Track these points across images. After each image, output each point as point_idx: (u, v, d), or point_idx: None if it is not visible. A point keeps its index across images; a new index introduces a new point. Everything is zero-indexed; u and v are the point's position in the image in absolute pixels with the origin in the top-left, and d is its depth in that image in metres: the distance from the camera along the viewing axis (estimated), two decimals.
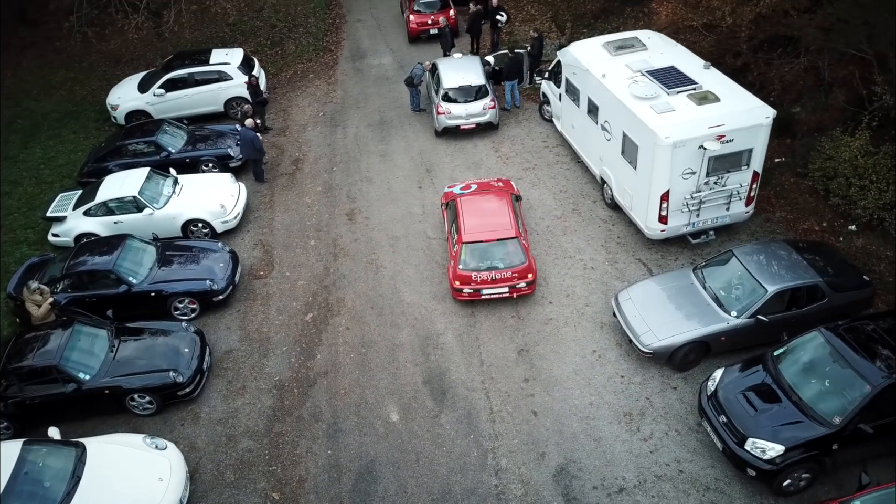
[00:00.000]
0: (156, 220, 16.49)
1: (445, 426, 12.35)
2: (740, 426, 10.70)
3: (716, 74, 15.53)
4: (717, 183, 14.52)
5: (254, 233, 17.23)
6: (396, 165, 19.15)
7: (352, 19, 27.60)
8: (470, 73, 19.87)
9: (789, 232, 15.71)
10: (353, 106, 22.03)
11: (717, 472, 11.19)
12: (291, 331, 14.50)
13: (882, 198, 14.83)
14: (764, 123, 14.13)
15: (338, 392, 13.14)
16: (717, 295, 12.84)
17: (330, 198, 18.19)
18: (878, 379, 10.28)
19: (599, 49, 17.07)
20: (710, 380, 11.65)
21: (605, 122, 15.94)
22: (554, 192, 17.56)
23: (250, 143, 18.00)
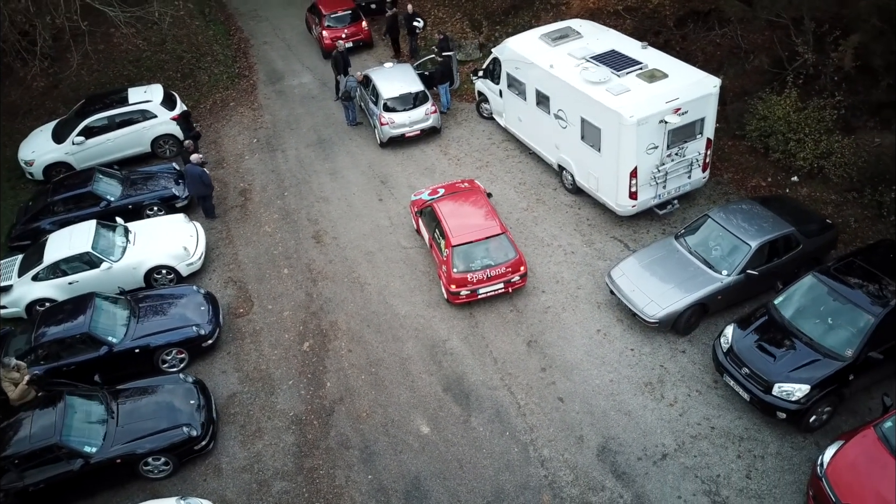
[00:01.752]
0: (115, 274, 15.49)
1: (478, 428, 12.37)
2: (763, 375, 11.36)
3: (655, 53, 16.35)
4: (678, 154, 15.31)
5: (220, 271, 16.52)
6: (349, 181, 18.89)
7: (257, 43, 26.88)
8: (406, 80, 19.89)
9: (739, 191, 16.76)
10: (285, 129, 21.51)
11: (745, 421, 11.83)
12: (292, 363, 14.04)
13: (818, 148, 16.10)
14: (713, 92, 15.04)
15: (359, 415, 12.86)
16: (705, 257, 13.55)
17: (290, 223, 17.71)
18: (878, 308, 11.24)
19: (538, 42, 17.55)
20: (721, 337, 12.29)
21: (560, 111, 16.42)
22: (514, 186, 17.89)
23: (198, 179, 17.23)
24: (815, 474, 10.21)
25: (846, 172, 15.76)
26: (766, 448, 11.42)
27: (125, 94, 20.55)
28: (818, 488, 10.12)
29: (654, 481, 11.18)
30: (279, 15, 28.76)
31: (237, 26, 28.38)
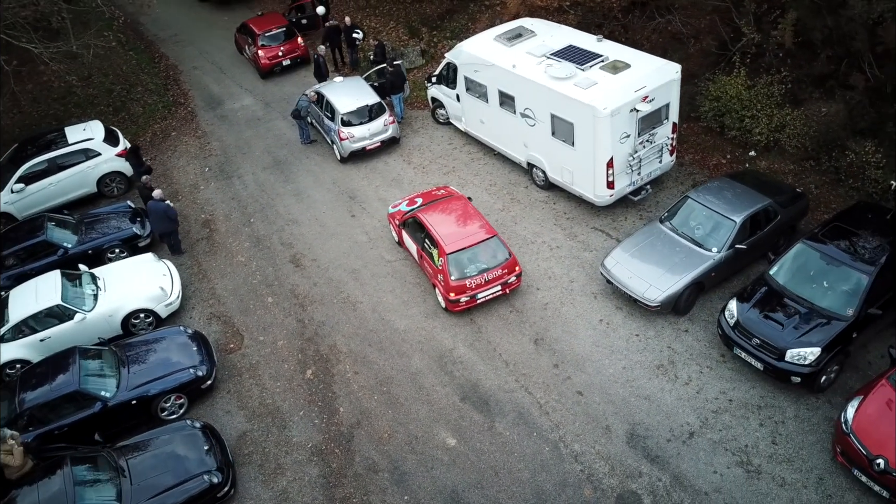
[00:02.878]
0: (90, 325, 14.58)
1: (505, 433, 12.33)
2: (775, 343, 11.82)
3: (611, 45, 16.75)
4: (649, 141, 15.73)
5: (201, 308, 15.82)
6: (316, 201, 18.47)
7: (186, 68, 25.92)
8: (361, 93, 19.64)
9: (702, 170, 17.39)
10: (237, 154, 20.83)
11: (759, 390, 12.27)
12: (298, 393, 13.60)
13: (771, 122, 16.88)
14: (675, 78, 15.55)
15: (381, 437, 12.58)
16: (693, 237, 13.98)
17: (263, 250, 17.16)
18: (870, 266, 11.89)
19: (494, 43, 17.66)
20: (725, 313, 12.70)
21: (527, 110, 16.58)
22: (485, 188, 17.94)
23: (163, 214, 16.44)
24: (841, 431, 10.70)
25: (800, 143, 16.58)
26: (784, 413, 11.88)
27: (62, 133, 19.39)
28: (846, 444, 10.60)
29: (688, 460, 11.44)
30: (203, 38, 27.87)
31: (160, 53, 27.32)
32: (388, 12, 26.52)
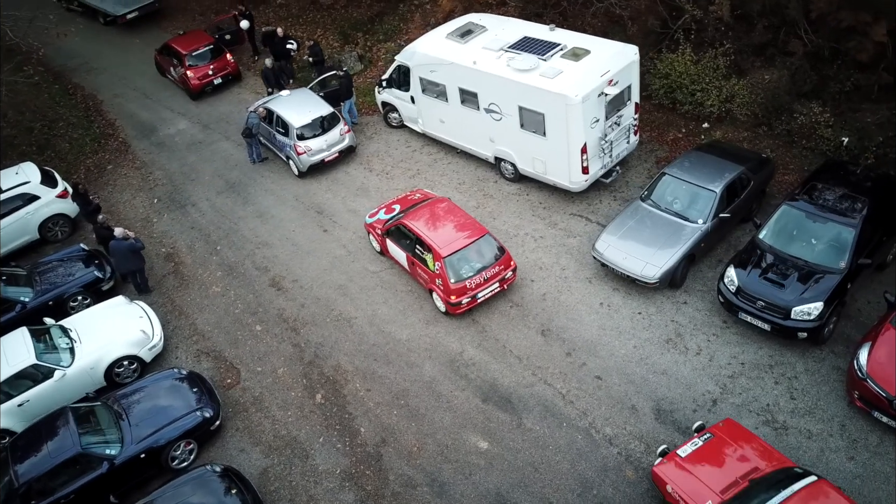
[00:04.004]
0: (71, 381, 13.56)
1: (535, 428, 12.33)
2: (780, 303, 12.33)
3: (565, 32, 16.99)
4: (617, 123, 16.07)
5: (185, 347, 15.01)
6: (282, 220, 17.86)
7: (107, 97, 24.43)
8: (312, 104, 19.12)
9: (662, 146, 17.93)
10: (184, 181, 19.86)
11: (767, 349, 12.79)
12: (312, 419, 13.13)
13: (721, 93, 17.57)
14: (635, 59, 15.94)
15: (411, 451, 12.33)
16: (677, 211, 14.40)
17: (238, 278, 16.45)
18: (854, 219, 12.59)
19: (447, 41, 17.57)
20: (724, 280, 13.13)
21: (492, 105, 16.58)
22: (455, 187, 17.85)
23: (127, 253, 15.47)
24: (857, 378, 11.28)
25: (750, 110, 17.33)
26: (794, 369, 12.43)
27: None
28: (864, 389, 11.20)
29: None
30: (117, 64, 26.34)
31: (74, 84, 25.65)
32: (312, 20, 25.93)
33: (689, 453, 10.66)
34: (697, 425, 11.35)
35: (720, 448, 10.63)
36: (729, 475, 10.22)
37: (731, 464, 10.38)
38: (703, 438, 10.86)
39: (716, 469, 10.37)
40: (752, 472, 10.23)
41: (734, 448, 10.58)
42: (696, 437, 10.96)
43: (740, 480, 10.12)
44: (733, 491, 9.97)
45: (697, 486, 10.20)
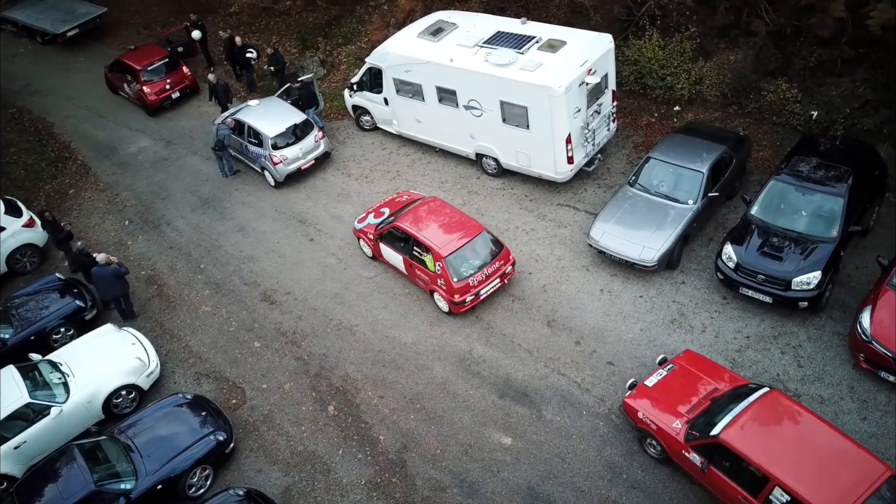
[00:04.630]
0: (68, 417, 12.98)
1: (555, 419, 12.39)
2: (780, 275, 12.70)
3: (537, 25, 17.08)
4: (597, 111, 16.27)
5: (183, 370, 14.53)
6: (265, 232, 17.47)
7: (57, 119, 23.39)
8: (283, 113, 18.75)
9: (637, 131, 18.24)
10: (155, 200, 19.21)
11: (768, 321, 13.15)
12: (328, 432, 12.89)
13: (690, 76, 17.98)
14: (610, 48, 16.16)
15: (434, 455, 12.23)
16: (667, 194, 14.66)
17: (228, 295, 16.01)
18: (842, 188, 13.05)
19: (419, 40, 17.45)
20: (723, 256, 13.43)
21: (472, 101, 16.54)
22: (438, 186, 17.78)
23: (111, 279, 14.87)
24: (862, 340, 11.71)
25: (719, 91, 17.79)
26: (797, 337, 12.82)
27: None
28: (869, 351, 11.63)
29: None
30: (63, 84, 25.26)
31: (18, 107, 24.47)
32: (266, 27, 25.39)
33: (655, 383, 11.63)
34: (660, 358, 12.18)
35: (682, 376, 11.64)
36: (692, 397, 11.24)
37: (693, 388, 11.40)
38: (666, 369, 11.83)
39: (680, 393, 11.35)
40: (713, 392, 11.23)
41: (695, 374, 11.60)
42: (661, 368, 11.90)
43: (703, 401, 11.13)
44: (697, 410, 10.98)
45: (665, 409, 11.16)
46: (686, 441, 10.65)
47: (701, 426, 10.59)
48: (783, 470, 9.57)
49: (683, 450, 10.69)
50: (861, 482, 9.29)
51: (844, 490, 9.24)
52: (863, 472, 9.40)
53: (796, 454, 9.74)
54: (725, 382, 11.34)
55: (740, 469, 9.99)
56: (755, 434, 10.04)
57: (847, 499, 9.15)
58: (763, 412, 10.28)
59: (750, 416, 10.21)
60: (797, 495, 9.34)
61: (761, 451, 9.83)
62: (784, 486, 9.46)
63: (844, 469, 9.48)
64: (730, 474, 10.12)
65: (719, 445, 10.10)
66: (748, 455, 9.83)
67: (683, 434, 10.74)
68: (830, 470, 9.50)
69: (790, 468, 9.57)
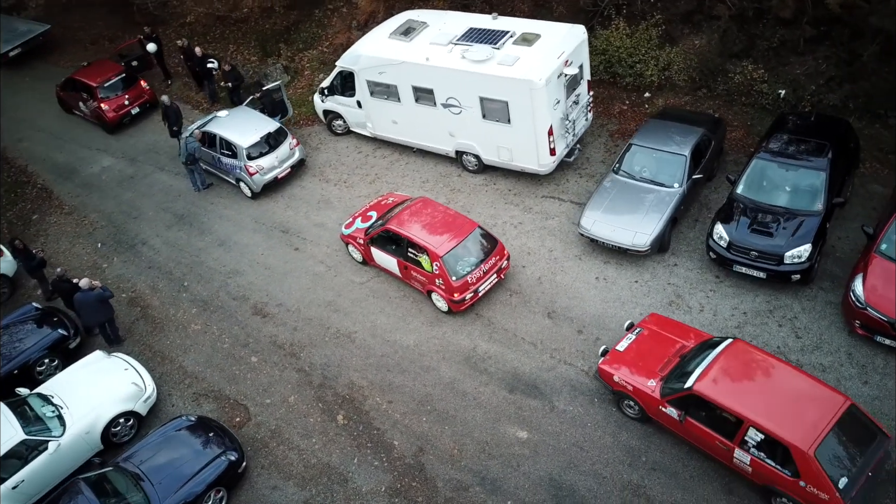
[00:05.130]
0: (67, 451, 12.49)
1: (568, 409, 12.47)
2: (772, 251, 13.04)
3: (507, 20, 17.13)
4: (575, 102, 16.43)
5: (180, 392, 14.12)
6: (247, 245, 17.10)
7: (10, 143, 22.27)
8: (255, 122, 18.40)
9: (610, 119, 18.48)
10: (126, 220, 18.61)
11: (762, 296, 13.49)
12: (340, 442, 12.71)
13: (658, 63, 18.32)
14: (584, 38, 16.33)
15: (452, 455, 12.18)
16: (653, 179, 14.90)
17: (217, 311, 15.63)
18: (823, 161, 13.48)
19: (391, 41, 17.31)
20: (714, 236, 13.71)
21: (450, 99, 16.50)
22: (419, 186, 17.69)
23: (96, 304, 14.33)
24: (856, 308, 12.12)
25: (687, 75, 18.17)
26: (792, 310, 13.20)
27: None
28: (864, 317, 12.04)
29: None
30: (10, 107, 24.18)
31: None
32: (221, 36, 24.87)
33: (626, 347, 12.22)
34: (627, 324, 12.76)
35: (650, 338, 12.26)
36: (662, 356, 11.85)
37: (662, 347, 12.02)
38: (635, 333, 12.43)
39: (651, 354, 11.95)
40: (681, 349, 11.87)
41: (662, 335, 12.23)
42: (629, 333, 12.48)
43: (672, 358, 11.75)
44: (668, 367, 11.59)
45: (638, 370, 11.75)
46: (662, 397, 11.25)
47: (674, 381, 11.20)
48: (754, 411, 10.23)
49: (660, 405, 11.28)
50: (825, 414, 10.00)
51: (811, 423, 9.94)
52: (825, 405, 10.12)
53: (764, 396, 10.44)
54: (692, 339, 12.03)
55: (715, 416, 10.62)
56: (725, 382, 10.69)
57: (814, 430, 9.86)
58: (730, 361, 10.92)
59: (718, 366, 10.85)
60: (769, 433, 10.01)
61: (732, 397, 10.50)
62: (757, 425, 10.12)
63: (809, 404, 10.18)
64: (706, 422, 10.75)
65: (693, 396, 10.72)
66: (721, 402, 10.47)
67: (659, 390, 11.34)
68: (797, 406, 10.19)
69: (760, 409, 10.25)
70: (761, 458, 10.23)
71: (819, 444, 9.75)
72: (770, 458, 10.16)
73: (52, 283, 15.31)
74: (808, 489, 9.82)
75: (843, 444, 9.99)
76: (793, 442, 9.81)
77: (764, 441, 10.12)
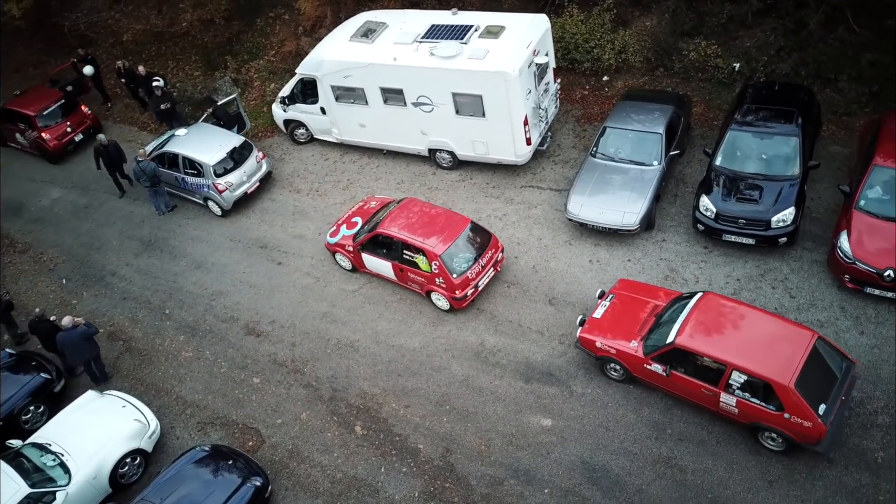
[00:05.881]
0: (76, 498, 11.88)
1: (587, 392, 12.63)
2: (759, 217, 13.54)
3: (469, 14, 17.18)
4: (546, 90, 16.61)
5: (182, 424, 13.57)
6: (226, 265, 16.56)
7: None
8: (218, 137, 17.83)
9: (574, 105, 18.75)
10: (90, 252, 17.71)
11: (752, 262, 13.98)
12: (363, 453, 12.49)
13: (614, 46, 18.71)
14: (548, 27, 16.52)
15: (480, 451, 12.15)
16: (632, 159, 15.22)
17: (207, 336, 15.08)
18: (794, 128, 14.08)
19: (354, 44, 17.04)
20: (700, 208, 14.12)
21: (420, 98, 16.40)
22: (395, 187, 17.53)
23: (81, 342, 13.61)
24: (844, 263, 12.72)
25: (643, 56, 18.63)
26: (781, 272, 13.74)
27: None
28: (853, 271, 12.66)
29: None
30: None
31: None
32: (158, 53, 23.96)
33: (602, 314, 12.70)
34: (599, 292, 13.23)
35: (624, 302, 12.82)
36: (639, 318, 12.42)
37: (636, 310, 12.59)
38: (608, 300, 12.90)
39: (627, 317, 12.50)
40: (654, 309, 12.47)
41: (634, 298, 12.82)
42: (602, 301, 12.93)
43: (648, 318, 12.35)
44: (646, 327, 12.16)
45: (619, 334, 12.26)
46: (646, 355, 11.76)
47: (655, 339, 11.77)
48: (735, 356, 10.88)
49: (645, 363, 11.81)
50: (797, 349, 10.75)
51: (786, 358, 10.65)
52: (796, 341, 10.89)
53: (741, 340, 11.11)
54: (662, 298, 12.64)
55: (698, 366, 11.26)
56: (703, 332, 11.31)
57: (791, 365, 10.57)
58: (704, 313, 11.54)
59: (694, 318, 11.48)
60: (752, 373, 10.68)
61: (713, 345, 11.14)
62: (739, 368, 10.76)
63: (781, 342, 10.91)
64: (690, 373, 11.36)
65: (676, 350, 11.31)
66: (703, 351, 11.11)
67: (642, 350, 11.87)
68: (771, 346, 10.89)
69: (740, 353, 10.90)
70: (746, 398, 10.90)
71: (797, 377, 10.44)
72: (754, 396, 10.83)
73: (30, 325, 14.43)
74: (793, 419, 10.54)
75: (817, 374, 10.72)
76: (774, 378, 10.47)
77: (747, 382, 10.78)
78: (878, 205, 12.93)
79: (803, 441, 10.75)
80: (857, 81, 16.43)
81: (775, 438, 11.10)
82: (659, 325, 12.05)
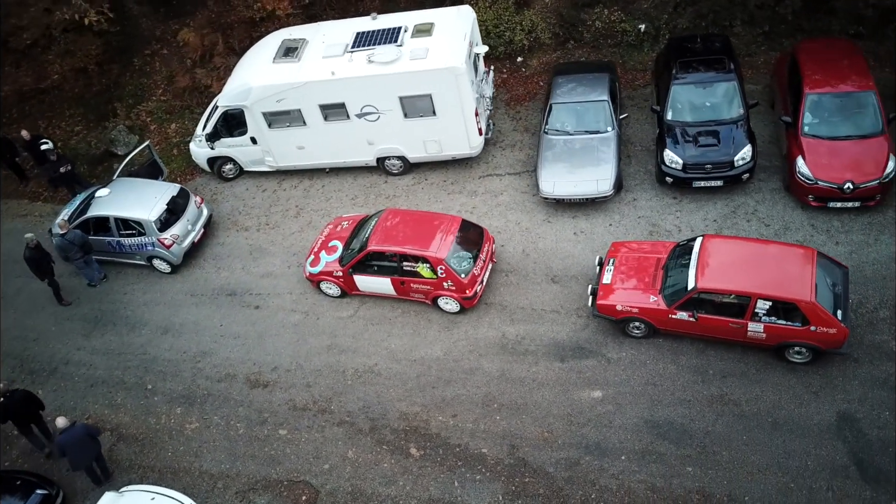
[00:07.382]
0: None
1: (622, 356, 13.02)
2: (722, 159, 14.57)
3: (389, 17, 16.90)
4: (484, 81, 16.76)
5: (218, 498, 12.45)
6: (199, 322, 15.30)
7: None
8: (151, 190, 16.38)
9: (499, 90, 18.98)
10: (29, 345, 15.63)
11: (721, 202, 14.98)
12: (429, 473, 12.14)
13: (524, 27, 19.20)
14: (474, 16, 16.68)
15: (545, 439, 12.20)
16: (587, 129, 15.76)
17: (208, 401, 13.89)
18: (731, 74, 15.23)
19: (279, 66, 16.23)
20: (666, 162, 14.93)
21: (364, 108, 15.98)
22: (350, 203, 16.99)
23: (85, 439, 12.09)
24: (806, 184, 14.03)
25: (551, 32, 19.32)
26: (749, 205, 14.86)
27: None
28: (817, 190, 13.99)
29: None
30: None
31: None
32: (22, 114, 21.47)
33: (611, 279, 13.15)
34: (598, 259, 13.75)
35: (628, 262, 13.32)
36: (648, 273, 13.00)
37: (642, 267, 13.14)
38: (611, 263, 13.37)
39: (636, 275, 13.05)
40: (658, 262, 13.07)
41: (636, 256, 13.36)
42: (606, 266, 13.37)
43: (657, 272, 12.92)
44: (658, 280, 12.77)
45: (635, 293, 12.80)
46: (669, 306, 12.38)
47: (673, 288, 12.41)
48: (756, 286, 11.71)
49: (669, 314, 12.44)
50: (805, 266, 11.78)
51: (800, 277, 11.64)
52: (802, 260, 11.92)
53: (754, 270, 11.92)
54: (662, 251, 13.28)
55: (721, 304, 12.06)
56: (719, 271, 12.07)
57: (805, 282, 11.57)
58: (711, 254, 12.30)
59: (704, 260, 12.20)
60: (776, 298, 11.59)
61: (732, 281, 11.95)
62: (763, 296, 11.63)
63: (789, 264, 11.92)
64: (716, 312, 12.10)
65: (700, 294, 12.00)
66: (726, 288, 11.92)
67: (663, 302, 12.47)
68: (782, 269, 11.85)
69: (759, 282, 11.74)
70: (773, 321, 11.79)
71: (815, 291, 11.43)
72: (780, 319, 11.75)
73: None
74: (819, 330, 11.56)
75: (826, 285, 11.83)
76: (797, 298, 11.42)
77: (772, 307, 11.66)
78: (820, 127, 14.32)
79: (828, 347, 11.78)
80: (749, 24, 18.01)
81: (801, 352, 12.09)
82: (670, 276, 12.68)
